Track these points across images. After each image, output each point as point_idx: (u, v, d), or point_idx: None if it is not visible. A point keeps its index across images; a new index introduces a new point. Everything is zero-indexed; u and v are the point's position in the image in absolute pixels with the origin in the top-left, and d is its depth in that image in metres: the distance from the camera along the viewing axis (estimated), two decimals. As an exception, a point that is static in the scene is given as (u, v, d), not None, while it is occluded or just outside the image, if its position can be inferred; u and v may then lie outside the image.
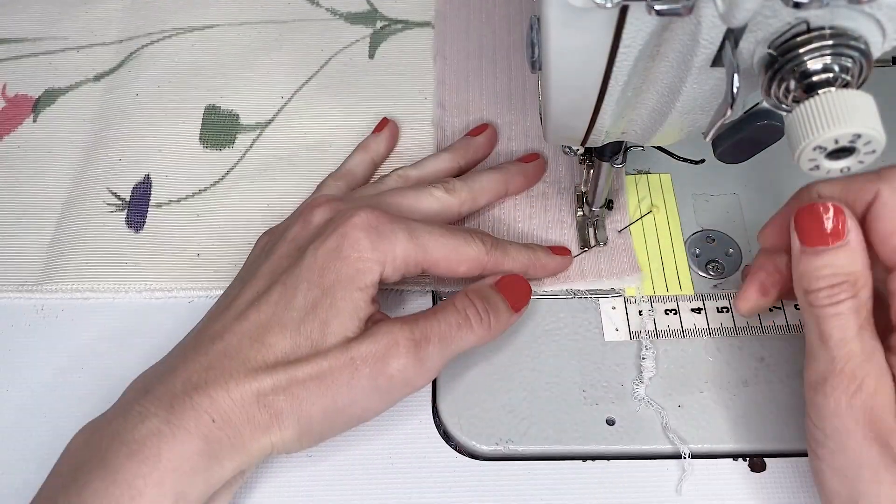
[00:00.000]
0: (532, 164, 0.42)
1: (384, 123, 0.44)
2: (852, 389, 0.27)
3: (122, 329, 0.39)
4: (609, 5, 0.21)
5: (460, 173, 0.42)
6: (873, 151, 0.22)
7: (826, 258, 0.29)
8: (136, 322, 0.39)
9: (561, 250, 0.39)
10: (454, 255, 0.34)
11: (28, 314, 0.40)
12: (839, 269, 0.28)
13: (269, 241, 0.36)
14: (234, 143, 0.45)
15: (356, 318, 0.31)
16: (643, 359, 0.36)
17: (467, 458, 0.35)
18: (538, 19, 0.25)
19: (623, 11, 0.22)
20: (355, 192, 0.39)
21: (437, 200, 0.37)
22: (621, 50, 0.24)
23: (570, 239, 0.40)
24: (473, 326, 0.33)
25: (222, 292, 0.35)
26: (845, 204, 0.29)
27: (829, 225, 0.29)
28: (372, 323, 0.32)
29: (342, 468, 0.35)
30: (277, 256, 0.33)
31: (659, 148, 0.37)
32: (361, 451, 0.35)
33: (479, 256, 0.35)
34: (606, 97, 0.27)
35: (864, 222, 0.29)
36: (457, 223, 0.40)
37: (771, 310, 0.37)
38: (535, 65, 0.27)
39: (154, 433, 0.28)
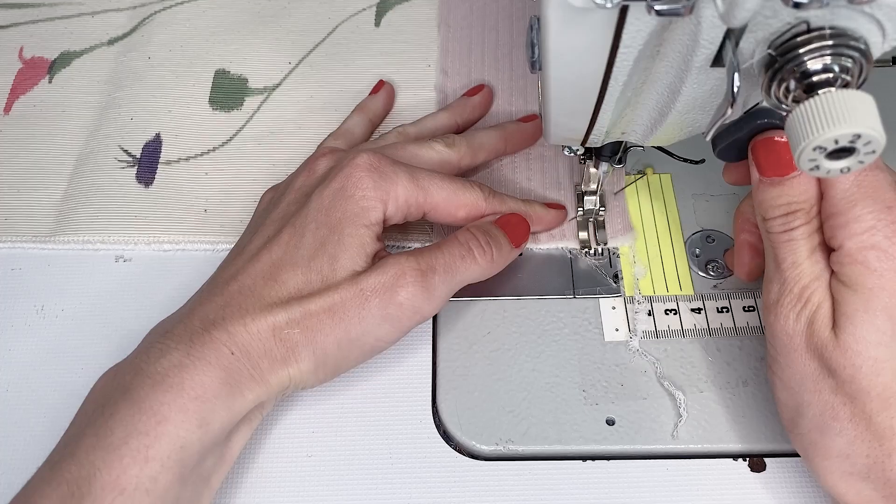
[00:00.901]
0: (531, 123, 0.43)
1: (380, 85, 0.46)
2: (799, 307, 0.29)
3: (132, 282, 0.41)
4: (609, 5, 0.21)
5: (458, 132, 0.43)
6: (873, 151, 0.22)
7: (781, 188, 0.30)
8: (146, 275, 0.41)
9: (557, 206, 0.40)
10: (454, 198, 0.35)
11: (28, 314, 0.40)
12: (793, 198, 0.30)
13: (275, 195, 0.37)
14: (242, 105, 0.47)
15: (363, 254, 0.33)
16: (636, 312, 0.37)
17: (467, 458, 0.35)
18: (538, 19, 0.25)
19: (623, 11, 0.22)
20: (356, 147, 0.40)
21: (437, 153, 0.38)
22: (621, 50, 0.24)
23: (567, 200, 0.41)
24: (477, 258, 0.34)
25: (228, 246, 0.37)
26: None
27: (784, 158, 0.30)
28: (378, 259, 0.33)
29: (342, 468, 0.35)
30: (285, 204, 0.35)
31: (659, 148, 0.37)
32: (361, 451, 0.35)
33: (477, 202, 0.36)
34: (606, 97, 0.27)
35: None
36: None
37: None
38: (535, 65, 0.27)
39: (175, 365, 0.29)
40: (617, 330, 0.37)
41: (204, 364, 0.29)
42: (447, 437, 0.35)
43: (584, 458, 0.35)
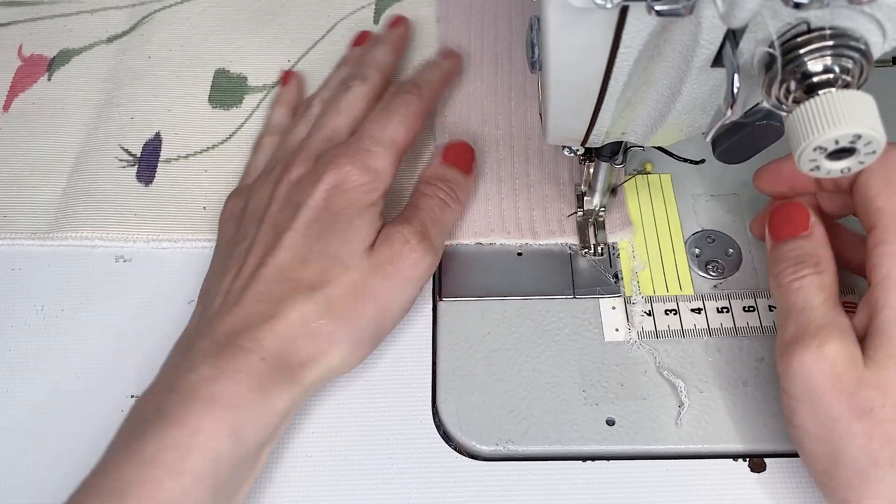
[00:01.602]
0: (398, 27, 0.46)
1: (288, 77, 0.46)
2: (815, 345, 0.29)
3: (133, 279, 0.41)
4: (609, 6, 0.21)
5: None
6: (874, 152, 0.22)
7: (792, 243, 0.32)
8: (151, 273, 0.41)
9: (447, 55, 0.45)
10: (411, 123, 0.38)
11: (28, 314, 0.40)
12: (803, 250, 0.32)
13: (246, 205, 0.37)
14: (241, 103, 0.47)
15: (373, 230, 0.35)
16: (633, 304, 0.38)
17: (467, 458, 0.35)
18: (538, 20, 0.25)
19: (623, 12, 0.22)
20: (319, 150, 0.39)
21: (358, 94, 0.39)
22: (621, 50, 0.24)
23: (567, 196, 0.41)
24: (449, 204, 0.37)
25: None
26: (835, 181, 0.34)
27: (795, 221, 0.33)
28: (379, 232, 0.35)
29: (342, 468, 0.35)
30: (275, 212, 0.35)
31: (659, 148, 0.37)
32: (361, 451, 0.35)
33: (421, 107, 0.39)
34: (606, 97, 0.27)
35: (851, 189, 0.33)
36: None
37: (771, 310, 0.37)
38: (535, 65, 0.27)
39: (205, 378, 0.29)
40: (617, 330, 0.37)
41: (233, 373, 0.29)
42: (447, 437, 0.35)
43: (584, 458, 0.35)
